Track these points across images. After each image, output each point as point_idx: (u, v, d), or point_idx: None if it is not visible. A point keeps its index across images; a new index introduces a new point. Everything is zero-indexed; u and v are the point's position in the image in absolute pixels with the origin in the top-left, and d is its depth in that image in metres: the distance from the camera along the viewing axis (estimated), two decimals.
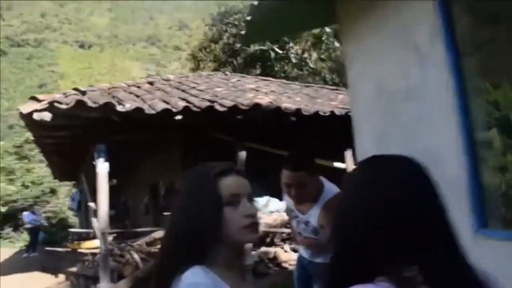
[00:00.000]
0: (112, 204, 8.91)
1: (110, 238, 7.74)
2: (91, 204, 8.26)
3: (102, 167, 7.56)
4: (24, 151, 28.30)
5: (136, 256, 7.99)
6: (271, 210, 9.70)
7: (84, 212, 13.65)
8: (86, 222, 13.38)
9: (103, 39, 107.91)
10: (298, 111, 8.01)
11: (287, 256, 8.86)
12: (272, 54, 22.14)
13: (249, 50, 22.17)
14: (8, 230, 24.63)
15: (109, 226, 7.61)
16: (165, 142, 10.81)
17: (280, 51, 22.19)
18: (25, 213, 15.90)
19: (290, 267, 8.76)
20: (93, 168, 8.49)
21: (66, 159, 11.75)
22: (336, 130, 8.84)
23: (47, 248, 12.80)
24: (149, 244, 8.78)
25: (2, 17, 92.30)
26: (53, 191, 27.07)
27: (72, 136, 8.48)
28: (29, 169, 27.37)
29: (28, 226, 15.30)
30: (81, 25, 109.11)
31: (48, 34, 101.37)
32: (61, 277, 9.18)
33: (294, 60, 21.83)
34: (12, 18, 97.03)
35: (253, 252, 8.43)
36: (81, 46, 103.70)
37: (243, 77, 11.70)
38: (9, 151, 29.00)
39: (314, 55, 22.08)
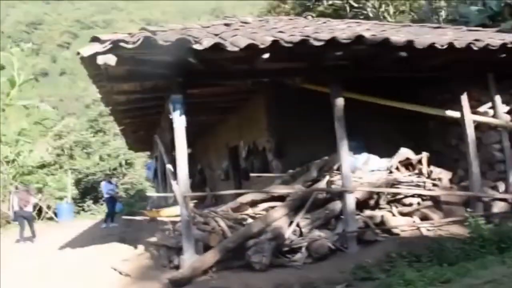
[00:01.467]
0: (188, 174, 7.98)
1: (191, 204, 6.67)
2: (169, 166, 7.24)
3: (179, 121, 6.49)
4: (99, 125, 28.44)
5: (222, 224, 6.91)
6: (372, 168, 8.30)
7: (161, 180, 12.91)
8: (164, 191, 12.58)
9: (168, 15, 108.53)
10: (410, 44, 6.46)
11: (396, 220, 7.48)
12: (347, 8, 20.54)
13: (321, 7, 20.77)
14: (88, 202, 24.82)
15: (190, 190, 6.55)
16: (247, 96, 9.63)
17: (356, 5, 20.51)
18: (102, 183, 15.49)
19: (402, 233, 7.39)
20: (169, 126, 7.48)
21: (139, 121, 10.89)
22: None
23: (124, 217, 12.19)
24: (235, 210, 7.69)
25: (72, 1, 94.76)
26: (129, 163, 27.01)
27: (142, 89, 7.46)
28: (104, 142, 27.48)
29: (106, 196, 14.86)
30: (147, 3, 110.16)
31: (115, 14, 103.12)
32: (140, 248, 8.34)
33: (371, 14, 19.98)
34: (81, 1, 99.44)
35: (356, 217, 7.12)
36: (148, 23, 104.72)
37: (328, 20, 10.17)
38: (85, 126, 29.31)
39: (392, 8, 20.22)
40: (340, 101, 7.10)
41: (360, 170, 8.13)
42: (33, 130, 32.35)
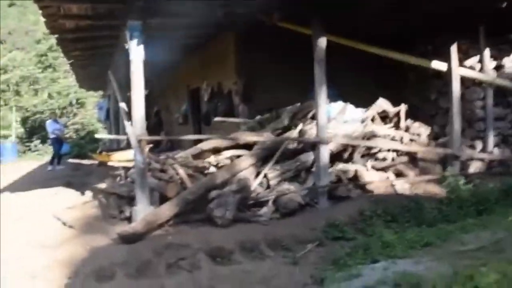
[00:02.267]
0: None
1: (147, 149, 5.84)
2: (122, 105, 6.33)
3: (137, 52, 5.58)
4: (49, 60, 26.48)
5: (181, 172, 6.14)
6: (346, 119, 7.67)
7: (114, 121, 11.90)
8: (116, 133, 11.64)
9: None
10: None
11: (370, 176, 6.93)
12: None
13: None
14: (36, 142, 23.39)
15: (146, 133, 5.71)
16: (216, 31, 8.67)
17: None
18: (47, 122, 14.22)
19: (376, 190, 6.86)
20: (124, 60, 6.52)
21: (90, 54, 9.73)
22: None
23: (70, 161, 11.19)
24: (196, 157, 6.92)
25: None
26: (80, 103, 25.45)
27: (95, 14, 6.40)
28: (54, 79, 25.69)
29: (51, 136, 13.69)
30: None
31: None
32: (88, 195, 7.49)
33: None
34: None
35: (329, 170, 6.52)
36: None
37: None
38: (34, 61, 27.29)
39: None
40: (322, 42, 6.31)
41: (335, 120, 7.48)
42: None
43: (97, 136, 9.10)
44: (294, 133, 6.93)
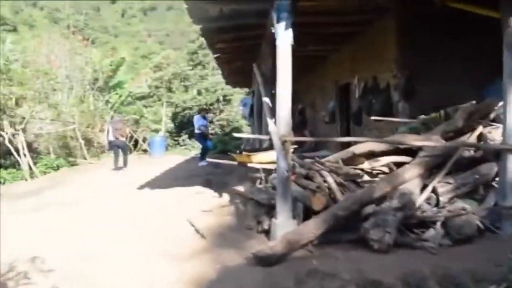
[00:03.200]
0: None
1: (291, 151, 4.95)
2: (266, 100, 5.53)
3: (285, 36, 4.71)
4: (199, 58, 27.33)
5: (330, 180, 5.16)
6: None
7: (257, 119, 11.35)
8: (259, 132, 11.12)
9: None
10: None
11: None
12: None
13: None
14: (184, 137, 24.19)
15: (292, 132, 4.83)
16: (372, 17, 7.58)
17: None
18: (195, 117, 14.17)
19: None
20: (270, 50, 5.75)
21: (235, 47, 9.24)
22: None
23: (208, 160, 10.85)
24: (347, 162, 5.88)
25: None
26: (227, 100, 25.84)
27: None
28: (203, 76, 26.42)
29: (196, 131, 13.62)
30: None
31: None
32: (225, 197, 6.90)
33: None
34: None
35: None
36: None
37: None
38: (185, 59, 28.43)
39: None
40: None
41: None
42: (139, 63, 32.33)
43: (235, 135, 8.45)
44: (471, 137, 5.54)
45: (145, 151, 20.30)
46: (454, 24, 6.34)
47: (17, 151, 14.12)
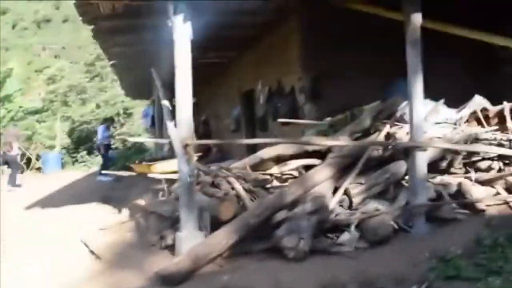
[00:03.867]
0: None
1: (195, 157, 4.52)
2: (164, 103, 5.04)
3: (182, 29, 4.29)
4: (96, 69, 26.04)
5: (238, 187, 4.78)
6: (438, 120, 6.14)
7: (158, 129, 10.77)
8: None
9: None
10: None
11: (477, 191, 5.34)
12: None
13: None
14: (82, 153, 22.80)
15: (194, 135, 4.40)
16: (275, 19, 7.38)
17: None
18: (100, 127, 13.25)
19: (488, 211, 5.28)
20: (168, 53, 5.29)
21: (133, 51, 8.67)
22: None
23: (106, 172, 10.08)
24: (255, 167, 5.56)
25: None
26: (127, 113, 24.79)
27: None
28: (101, 89, 25.17)
29: (100, 142, 12.72)
30: None
31: None
32: (125, 213, 6.29)
33: None
34: None
35: (427, 184, 5.01)
36: None
37: None
38: (81, 70, 26.97)
39: None
40: (417, 18, 4.81)
41: (425, 122, 5.96)
42: (32, 78, 30.12)
43: (132, 139, 7.88)
44: (379, 137, 5.45)
45: (39, 169, 18.79)
46: (359, 23, 6.28)
47: None
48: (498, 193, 5.44)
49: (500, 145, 5.89)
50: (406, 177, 5.11)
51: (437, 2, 5.52)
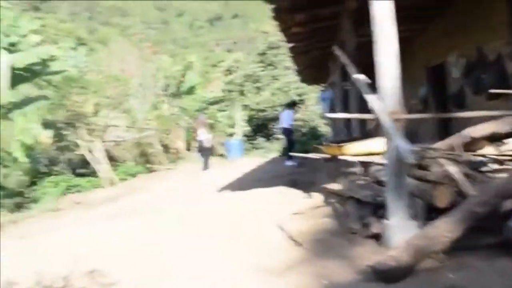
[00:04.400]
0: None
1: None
2: (359, 76, 4.53)
3: (381, 5, 3.76)
4: (269, 58, 26.62)
5: (453, 170, 4.09)
6: None
7: (342, 110, 10.31)
8: (344, 126, 10.10)
9: None
10: None
11: None
12: None
13: None
14: (260, 140, 23.54)
15: (403, 108, 3.84)
16: None
17: None
18: (284, 112, 13.23)
19: None
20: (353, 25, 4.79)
21: (312, 30, 8.32)
22: None
23: (293, 154, 9.95)
24: (464, 147, 4.78)
25: None
26: (301, 99, 24.89)
27: None
28: (274, 76, 25.67)
29: (284, 127, 12.74)
30: None
31: None
32: (317, 197, 5.97)
33: None
34: None
35: None
36: None
37: None
38: (254, 60, 27.86)
39: None
40: None
41: None
42: (210, 72, 32.29)
43: (328, 115, 7.53)
44: None
45: (221, 155, 19.84)
46: None
47: (95, 159, 14.03)
48: None
49: None
50: None
51: None
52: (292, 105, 15.00)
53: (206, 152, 14.01)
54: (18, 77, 13.26)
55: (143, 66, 19.99)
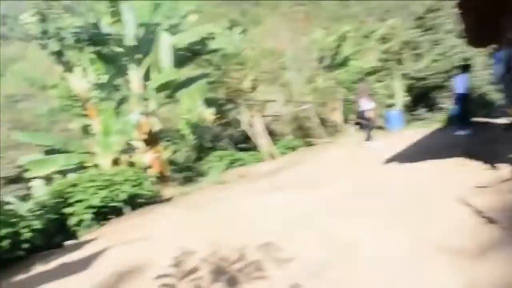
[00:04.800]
0: None
1: None
2: None
3: None
4: (427, 22, 24.65)
5: None
6: None
7: None
8: None
9: None
10: None
11: None
12: None
13: None
14: (421, 110, 22.07)
15: None
16: None
17: None
18: (459, 76, 12.01)
19: None
20: None
21: None
22: None
23: (473, 119, 8.85)
24: None
25: None
26: (466, 65, 22.69)
27: None
28: (435, 41, 23.71)
29: (459, 92, 11.56)
30: None
31: None
32: (504, 169, 5.26)
33: None
34: None
35: None
36: None
37: None
38: (410, 26, 26.05)
39: None
40: None
41: None
42: (362, 43, 31.23)
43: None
44: None
45: (380, 127, 19.06)
46: None
47: (256, 134, 14.39)
48: None
49: None
50: None
51: None
52: (466, 68, 13.44)
53: (369, 123, 13.42)
54: (180, 57, 13.93)
55: (297, 40, 19.89)
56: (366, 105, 13.22)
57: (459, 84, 11.64)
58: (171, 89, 13.28)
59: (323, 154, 12.34)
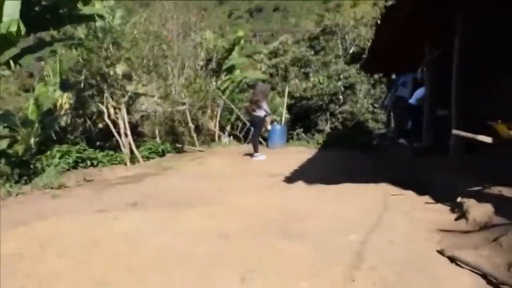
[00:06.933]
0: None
1: None
2: None
3: None
4: (320, 43, 24.06)
5: None
6: None
7: (456, 91, 7.61)
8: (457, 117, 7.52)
9: None
10: None
11: None
12: None
13: None
14: (298, 130, 20.98)
15: None
16: None
17: None
18: (419, 90, 10.20)
19: None
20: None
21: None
22: None
23: (454, 132, 7.24)
24: None
25: None
26: (352, 89, 22.05)
27: None
28: (326, 63, 23.03)
29: (412, 101, 9.77)
30: None
31: None
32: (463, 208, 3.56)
33: None
34: None
35: None
36: None
37: None
38: (302, 45, 25.36)
39: None
40: None
41: None
42: (243, 63, 30.06)
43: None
44: None
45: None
46: None
47: (120, 132, 11.82)
48: None
49: None
50: None
51: None
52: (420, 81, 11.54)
53: (257, 126, 11.67)
54: (37, 16, 10.79)
55: (187, 34, 17.70)
56: (261, 110, 11.45)
57: (417, 94, 10.03)
58: (9, 49, 9.88)
59: (197, 163, 10.22)
